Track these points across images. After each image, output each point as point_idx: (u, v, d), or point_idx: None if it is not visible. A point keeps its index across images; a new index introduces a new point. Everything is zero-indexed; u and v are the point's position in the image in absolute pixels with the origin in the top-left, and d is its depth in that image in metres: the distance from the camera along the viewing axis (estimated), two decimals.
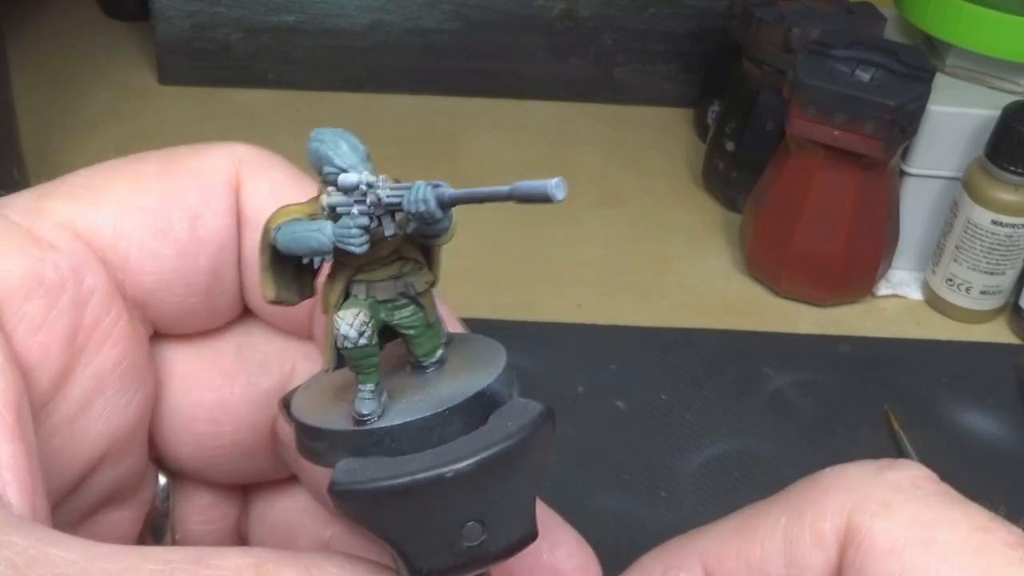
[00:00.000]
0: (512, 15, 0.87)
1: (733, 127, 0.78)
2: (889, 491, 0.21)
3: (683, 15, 0.88)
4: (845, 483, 0.22)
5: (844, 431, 0.63)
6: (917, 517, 0.21)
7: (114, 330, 0.24)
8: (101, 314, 0.24)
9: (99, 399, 0.24)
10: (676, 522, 0.56)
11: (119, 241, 0.25)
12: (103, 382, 0.24)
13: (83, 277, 0.24)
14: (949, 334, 0.71)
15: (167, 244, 0.25)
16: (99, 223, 0.24)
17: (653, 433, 0.61)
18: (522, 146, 0.85)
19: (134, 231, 0.25)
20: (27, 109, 0.72)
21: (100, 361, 0.24)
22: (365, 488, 0.20)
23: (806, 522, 0.22)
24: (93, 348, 0.24)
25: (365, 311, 0.21)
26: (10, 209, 0.24)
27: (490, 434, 0.21)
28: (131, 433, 0.26)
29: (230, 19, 0.86)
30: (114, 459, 0.26)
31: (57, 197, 0.25)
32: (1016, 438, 0.63)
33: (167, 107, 0.86)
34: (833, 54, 0.68)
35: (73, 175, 0.25)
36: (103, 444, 0.25)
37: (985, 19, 0.69)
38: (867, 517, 0.21)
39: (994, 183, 0.67)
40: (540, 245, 0.75)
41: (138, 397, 0.25)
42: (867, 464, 0.22)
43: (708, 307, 0.72)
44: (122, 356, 0.25)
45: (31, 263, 0.23)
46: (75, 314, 0.24)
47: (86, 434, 0.24)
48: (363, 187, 0.20)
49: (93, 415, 0.24)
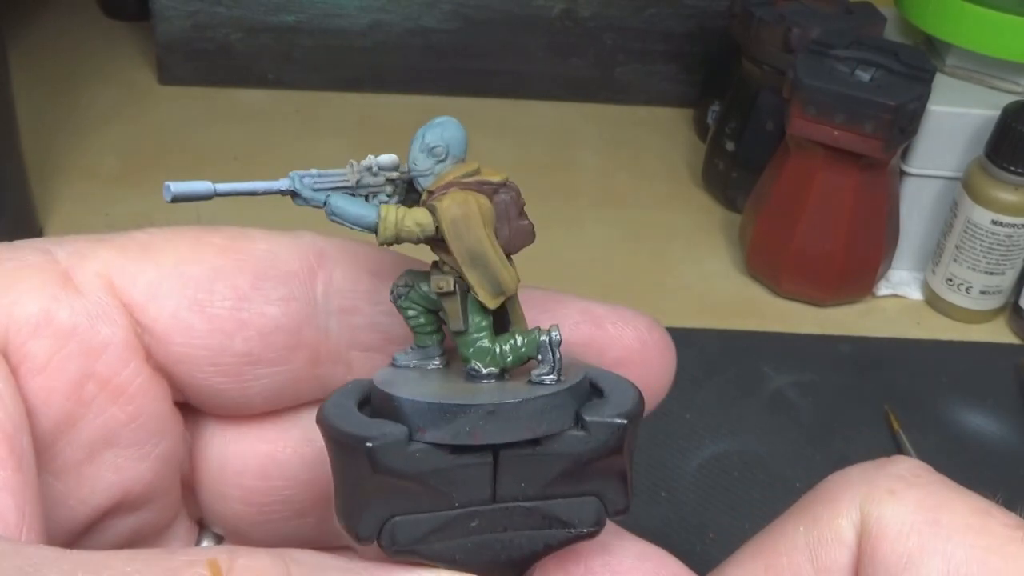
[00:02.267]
0: (512, 15, 0.87)
1: (733, 127, 0.78)
2: (893, 481, 0.23)
3: (683, 15, 0.88)
4: (851, 482, 0.23)
5: (844, 431, 0.63)
6: (921, 502, 0.22)
7: (131, 385, 0.24)
8: (118, 367, 0.23)
9: (109, 451, 0.24)
10: (676, 522, 0.56)
11: (152, 302, 0.24)
12: (115, 434, 0.24)
13: (99, 327, 0.23)
14: (949, 334, 0.71)
15: (202, 318, 0.24)
16: (136, 279, 0.24)
17: (653, 433, 0.61)
18: (522, 146, 0.85)
19: (170, 296, 0.24)
20: (27, 109, 0.72)
21: (113, 413, 0.24)
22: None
23: (824, 524, 0.23)
24: (106, 399, 0.23)
25: (409, 276, 0.24)
26: (61, 248, 0.24)
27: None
28: (148, 487, 0.25)
29: (230, 19, 0.86)
30: (131, 511, 0.25)
31: (110, 246, 0.24)
32: (1016, 438, 0.63)
33: (167, 107, 0.86)
34: (833, 54, 0.67)
35: (140, 231, 0.25)
36: (114, 496, 0.24)
37: (985, 19, 0.69)
38: (876, 505, 0.22)
39: (994, 183, 0.67)
40: (540, 245, 0.75)
41: (156, 453, 0.25)
42: (866, 463, 0.24)
43: (708, 307, 0.72)
44: (138, 412, 0.24)
45: (45, 303, 0.23)
46: (85, 361, 0.23)
47: (94, 482, 0.24)
48: None
49: (103, 465, 0.24)
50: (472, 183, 0.22)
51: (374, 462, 0.20)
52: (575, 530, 0.22)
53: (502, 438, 0.21)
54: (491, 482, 0.21)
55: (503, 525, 0.22)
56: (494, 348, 0.23)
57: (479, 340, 0.23)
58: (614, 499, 0.22)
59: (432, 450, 0.21)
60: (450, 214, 0.22)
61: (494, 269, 0.22)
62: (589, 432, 0.21)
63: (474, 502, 0.21)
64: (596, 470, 0.22)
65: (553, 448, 0.21)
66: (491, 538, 0.22)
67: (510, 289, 0.23)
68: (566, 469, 0.21)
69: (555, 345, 0.22)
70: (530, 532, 0.22)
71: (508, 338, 0.23)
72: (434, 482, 0.21)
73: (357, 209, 0.22)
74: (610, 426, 0.21)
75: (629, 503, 0.22)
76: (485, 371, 0.23)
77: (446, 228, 0.22)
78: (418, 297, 0.23)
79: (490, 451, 0.21)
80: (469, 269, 0.22)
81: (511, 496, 0.21)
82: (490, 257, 0.22)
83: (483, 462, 0.21)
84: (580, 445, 0.21)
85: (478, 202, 0.22)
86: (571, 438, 0.21)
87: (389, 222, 0.22)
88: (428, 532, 0.21)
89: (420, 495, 0.21)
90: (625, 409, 0.22)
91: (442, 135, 0.23)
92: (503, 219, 0.23)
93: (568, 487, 0.22)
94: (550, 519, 0.22)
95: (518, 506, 0.21)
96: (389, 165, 0.23)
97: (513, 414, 0.21)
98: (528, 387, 0.22)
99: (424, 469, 0.21)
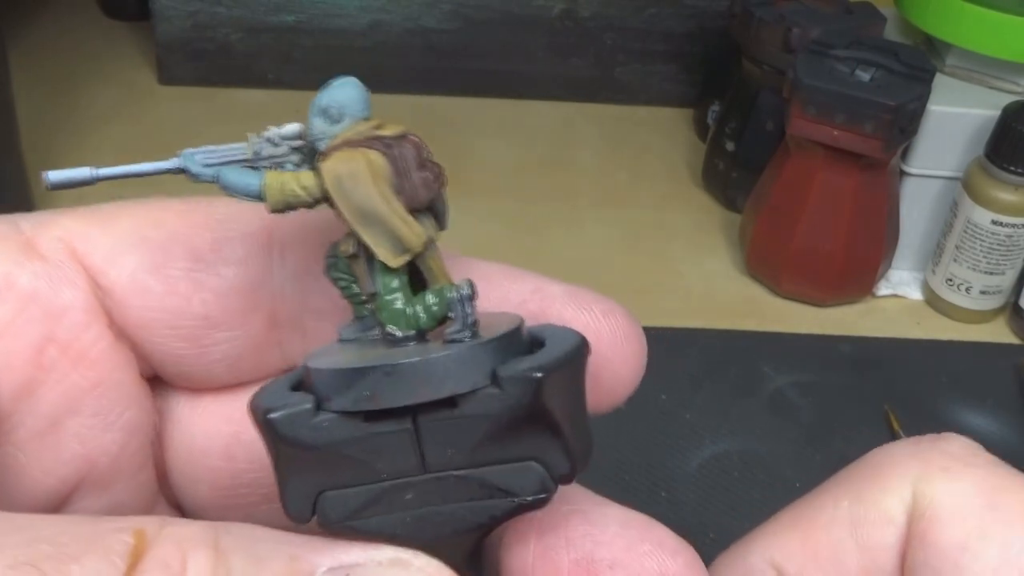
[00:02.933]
0: (512, 15, 0.87)
1: (733, 127, 0.78)
2: (947, 459, 0.21)
3: (683, 15, 0.88)
4: (900, 458, 0.22)
5: (844, 431, 0.63)
6: (979, 485, 0.21)
7: (93, 349, 0.24)
8: (79, 331, 0.23)
9: (72, 419, 0.24)
10: (676, 522, 0.56)
11: (112, 267, 0.24)
12: (77, 402, 0.24)
13: (61, 291, 0.23)
14: (949, 334, 0.71)
15: (159, 280, 0.24)
16: (97, 244, 0.24)
17: (653, 433, 0.61)
18: (522, 146, 0.85)
19: (128, 259, 0.24)
20: (27, 109, 0.72)
21: (74, 379, 0.23)
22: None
23: (870, 501, 0.21)
24: (67, 364, 0.23)
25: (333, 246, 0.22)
26: (24, 220, 0.24)
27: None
28: (114, 461, 0.24)
29: (230, 19, 0.86)
30: (98, 488, 0.24)
31: (72, 215, 0.24)
32: (1016, 438, 0.63)
33: (167, 107, 0.86)
34: (833, 54, 0.67)
35: (104, 204, 0.25)
36: (80, 466, 0.24)
37: (985, 19, 0.69)
38: (929, 485, 0.21)
39: (994, 183, 0.67)
40: (540, 245, 0.75)
41: (120, 423, 0.24)
42: (916, 439, 0.22)
43: (708, 307, 0.72)
44: (100, 378, 0.24)
45: (6, 267, 0.23)
46: (46, 325, 0.23)
47: (58, 452, 0.24)
48: None
49: (66, 434, 0.24)
50: (363, 140, 0.21)
51: (278, 434, 0.20)
52: (518, 499, 0.20)
53: (404, 400, 0.19)
54: (416, 450, 0.20)
55: (440, 497, 0.20)
56: (406, 310, 0.22)
57: (393, 303, 0.22)
58: (555, 463, 0.20)
59: (341, 419, 0.19)
60: (333, 173, 0.21)
61: (391, 226, 0.21)
62: (502, 389, 0.19)
63: (403, 473, 0.20)
64: (525, 431, 0.20)
65: (470, 409, 0.19)
66: (431, 511, 0.20)
67: (414, 246, 0.21)
68: (489, 431, 0.20)
69: (465, 300, 0.21)
70: (470, 503, 0.20)
71: (421, 298, 0.22)
72: (351, 453, 0.20)
73: (244, 179, 0.22)
74: (524, 380, 0.19)
75: (574, 467, 0.20)
76: (400, 335, 0.22)
77: (330, 187, 0.21)
78: (344, 266, 0.22)
79: (408, 417, 0.20)
80: (363, 228, 0.21)
81: (441, 465, 0.20)
82: (382, 213, 0.21)
83: (401, 429, 0.20)
84: (495, 404, 0.19)
85: (367, 158, 0.21)
86: (486, 397, 0.19)
87: (274, 189, 0.21)
88: (360, 507, 0.20)
89: (341, 468, 0.20)
90: (545, 361, 0.20)
91: (335, 96, 0.21)
92: (402, 173, 0.21)
93: (499, 452, 0.20)
94: (489, 488, 0.20)
95: (450, 475, 0.20)
96: (292, 134, 0.22)
97: (415, 374, 0.19)
98: (442, 346, 0.20)
99: (334, 439, 0.19)
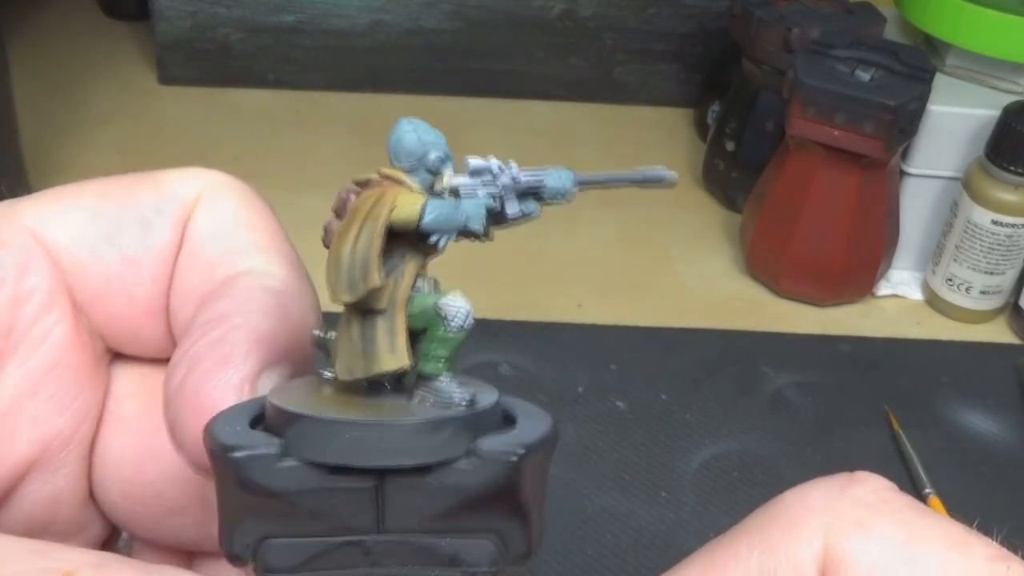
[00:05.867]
0: (512, 15, 0.87)
1: (733, 127, 0.78)
2: (859, 508, 0.20)
3: (683, 15, 0.88)
4: (812, 505, 0.21)
5: (844, 431, 0.63)
6: (893, 536, 0.20)
7: (53, 331, 0.24)
8: (41, 313, 0.24)
9: (31, 400, 0.24)
10: (676, 522, 0.56)
11: (70, 242, 0.24)
12: (37, 384, 0.24)
13: (26, 276, 0.24)
14: (949, 334, 0.71)
15: (113, 248, 0.25)
16: (55, 224, 0.24)
17: (653, 433, 0.61)
18: (522, 146, 0.85)
19: (86, 233, 0.24)
20: (27, 109, 0.72)
21: (35, 362, 0.24)
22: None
23: (781, 552, 0.20)
24: (28, 347, 0.24)
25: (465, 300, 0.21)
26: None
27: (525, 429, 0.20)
28: (63, 444, 0.25)
29: (230, 19, 0.86)
30: (45, 471, 0.25)
31: (28, 201, 0.25)
32: (1016, 438, 0.63)
33: (167, 107, 0.86)
34: (833, 54, 0.68)
35: (63, 185, 0.25)
36: (32, 449, 0.24)
37: (985, 19, 0.69)
38: (843, 538, 0.20)
39: (994, 183, 0.67)
40: (540, 245, 0.75)
41: (74, 406, 0.25)
42: (827, 482, 0.21)
43: (708, 307, 0.72)
44: (59, 359, 0.24)
45: None
46: (11, 311, 0.23)
47: (14, 435, 0.24)
48: (495, 168, 0.21)
49: (24, 416, 0.24)
50: None
51: (239, 477, 0.19)
52: (468, 570, 0.20)
53: (375, 461, 0.19)
54: (376, 510, 0.19)
55: (390, 559, 0.19)
56: None
57: None
58: (514, 542, 0.20)
59: (306, 468, 0.19)
60: None
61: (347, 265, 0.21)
62: (478, 465, 0.19)
63: (357, 531, 0.19)
64: (491, 507, 0.20)
65: (441, 480, 0.19)
66: (378, 572, 0.20)
67: None
68: (455, 503, 0.19)
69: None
70: (419, 569, 0.20)
71: None
72: (307, 504, 0.19)
73: None
74: (503, 458, 0.19)
75: (531, 547, 0.20)
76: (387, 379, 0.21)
77: None
78: None
79: (374, 475, 0.19)
80: None
81: (399, 528, 0.19)
82: None
83: (365, 487, 0.19)
84: (468, 479, 0.19)
85: None
86: (459, 470, 0.19)
87: None
88: (306, 559, 0.19)
89: (295, 517, 0.19)
90: (524, 441, 0.19)
91: None
92: None
93: (460, 523, 0.20)
94: (440, 556, 0.20)
95: (406, 539, 0.19)
96: None
97: (390, 436, 0.19)
98: (424, 408, 0.20)
99: (294, 488, 0.19)
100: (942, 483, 0.58)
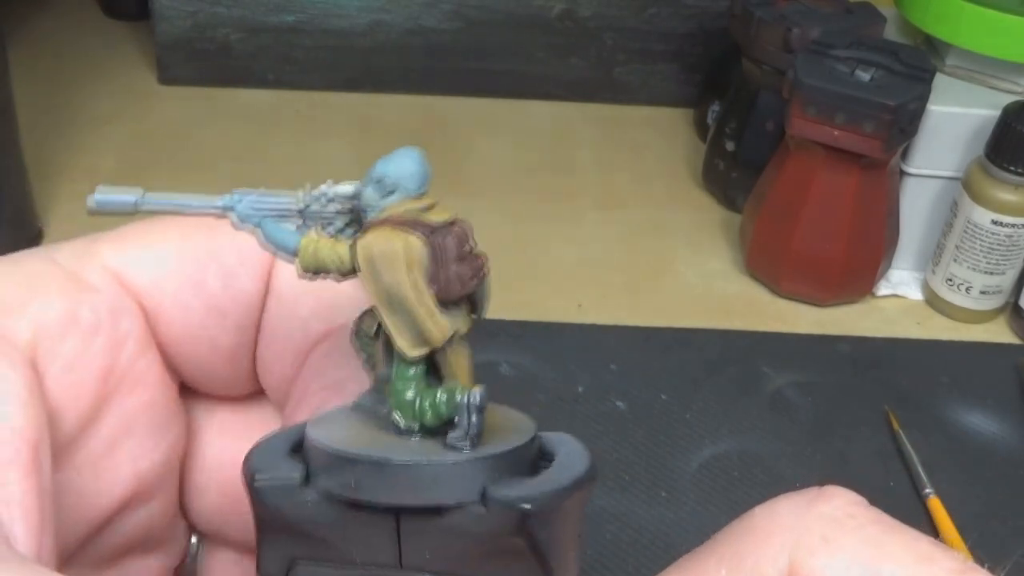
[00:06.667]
0: (512, 15, 0.87)
1: (733, 127, 0.78)
2: (825, 525, 0.20)
3: (683, 15, 0.88)
4: (779, 522, 0.21)
5: (844, 431, 0.63)
6: (858, 552, 0.20)
7: (147, 374, 0.25)
8: (135, 357, 0.24)
9: (128, 440, 0.25)
10: (676, 522, 0.56)
11: (155, 288, 0.25)
12: (132, 424, 0.25)
13: (120, 320, 0.24)
14: (949, 334, 0.71)
15: (199, 297, 0.25)
16: (140, 268, 0.25)
17: (653, 433, 0.61)
18: (522, 146, 0.85)
19: (170, 280, 0.25)
20: (27, 109, 0.72)
21: (131, 403, 0.24)
22: None
23: (748, 569, 0.20)
24: (125, 390, 0.24)
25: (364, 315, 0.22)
26: (58, 253, 0.24)
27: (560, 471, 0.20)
28: (158, 477, 0.26)
29: (230, 19, 0.86)
30: (142, 502, 0.26)
31: (106, 242, 0.25)
32: (1016, 438, 0.63)
33: (167, 107, 0.86)
34: (833, 54, 0.68)
35: (129, 225, 0.26)
36: (130, 486, 0.25)
37: (985, 19, 0.69)
38: (808, 555, 0.20)
39: (994, 183, 0.67)
40: (540, 245, 0.75)
41: (167, 441, 0.26)
42: (795, 498, 0.21)
43: (708, 307, 0.72)
44: (153, 400, 0.25)
45: (68, 304, 0.23)
46: (109, 356, 0.24)
47: (113, 474, 0.25)
48: None
49: (121, 456, 0.25)
50: (407, 221, 0.20)
51: (260, 502, 0.19)
52: None
53: (388, 499, 0.19)
54: (394, 544, 0.19)
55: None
56: (415, 402, 0.21)
57: (403, 392, 0.21)
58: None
59: (325, 500, 0.19)
60: (368, 251, 0.20)
61: (416, 316, 0.20)
62: (487, 512, 0.19)
63: (379, 563, 0.19)
64: (507, 555, 0.19)
65: (453, 522, 0.19)
66: None
67: (435, 341, 0.20)
68: (469, 547, 0.19)
69: (473, 408, 0.20)
70: None
71: (432, 393, 0.21)
72: (328, 535, 0.19)
73: (283, 236, 0.21)
74: (510, 508, 0.19)
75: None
76: (404, 425, 0.21)
77: (362, 265, 0.20)
78: (365, 337, 0.22)
79: (392, 512, 0.19)
80: (387, 312, 0.20)
81: (416, 565, 0.19)
82: (409, 302, 0.20)
83: (383, 522, 0.19)
84: (479, 524, 0.19)
85: (406, 242, 0.20)
86: (470, 514, 0.19)
87: (307, 252, 0.21)
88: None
89: (318, 545, 0.19)
90: (539, 492, 0.19)
91: (391, 167, 0.20)
92: (440, 264, 0.20)
93: (477, 566, 0.19)
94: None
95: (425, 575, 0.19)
96: (345, 194, 0.21)
97: (404, 476, 0.19)
98: (441, 450, 0.20)
99: (314, 519, 0.19)
100: (942, 483, 0.58)
